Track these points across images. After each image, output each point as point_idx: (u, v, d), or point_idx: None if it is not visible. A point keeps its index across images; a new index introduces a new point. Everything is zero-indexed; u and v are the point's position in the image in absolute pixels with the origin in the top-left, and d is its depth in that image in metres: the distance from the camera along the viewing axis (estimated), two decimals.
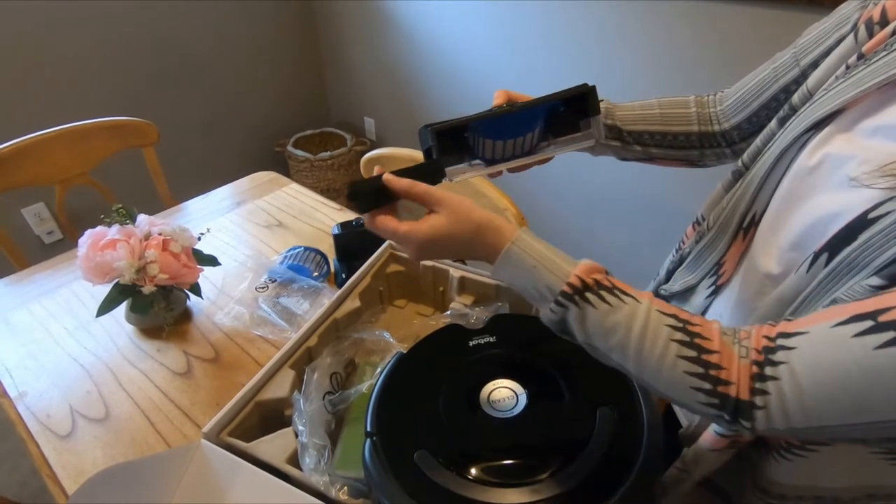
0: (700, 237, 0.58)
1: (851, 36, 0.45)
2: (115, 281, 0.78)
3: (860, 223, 0.36)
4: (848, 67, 0.43)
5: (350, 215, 1.13)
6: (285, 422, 0.62)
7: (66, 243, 1.66)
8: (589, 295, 0.41)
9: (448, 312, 0.77)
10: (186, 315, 0.88)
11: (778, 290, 0.42)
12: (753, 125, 0.58)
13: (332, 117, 2.59)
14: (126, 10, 1.76)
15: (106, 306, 0.77)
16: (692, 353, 0.37)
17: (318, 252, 0.97)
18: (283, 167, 2.38)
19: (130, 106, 1.87)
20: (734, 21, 1.25)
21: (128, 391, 0.76)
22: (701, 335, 0.38)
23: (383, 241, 0.88)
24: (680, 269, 0.62)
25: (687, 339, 0.38)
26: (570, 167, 1.74)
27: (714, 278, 0.56)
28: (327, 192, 2.29)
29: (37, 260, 1.03)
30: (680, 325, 0.39)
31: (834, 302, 0.36)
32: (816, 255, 0.38)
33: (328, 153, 2.22)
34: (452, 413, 0.53)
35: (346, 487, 0.53)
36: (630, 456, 0.47)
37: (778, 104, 0.54)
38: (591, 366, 0.58)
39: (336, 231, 0.92)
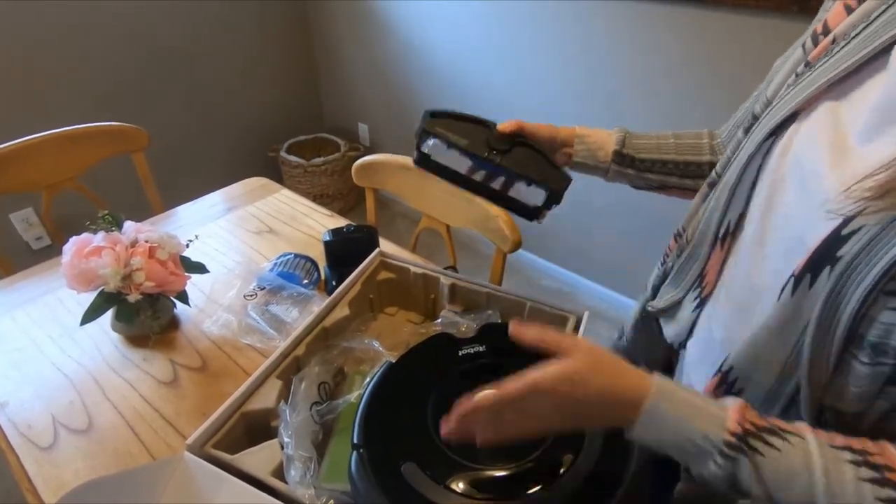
0: (681, 251, 0.58)
1: (800, 48, 0.48)
2: (100, 289, 0.76)
3: (835, 242, 0.36)
4: (797, 76, 0.46)
5: (342, 221, 1.12)
6: (272, 433, 0.60)
7: (55, 249, 1.64)
8: (754, 441, 0.36)
9: (439, 320, 0.76)
10: (173, 323, 0.87)
11: (765, 317, 0.41)
12: None
13: (325, 123, 2.59)
14: (117, 15, 1.76)
15: (90, 314, 0.76)
16: (890, 494, 0.33)
17: (308, 259, 0.96)
18: (277, 173, 2.37)
19: (121, 111, 1.86)
20: (723, 29, 1.26)
21: (112, 401, 0.74)
22: (888, 466, 0.35)
23: (374, 248, 0.87)
24: (665, 284, 0.62)
25: (877, 475, 0.34)
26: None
27: (698, 290, 0.55)
28: (320, 198, 2.28)
29: (24, 266, 1.02)
30: (860, 458, 0.35)
31: (854, 331, 0.35)
32: (798, 279, 0.38)
33: (321, 159, 2.21)
34: (438, 423, 0.52)
35: (332, 501, 0.52)
36: (618, 472, 0.46)
37: None
38: None
39: (327, 238, 0.91)
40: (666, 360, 0.64)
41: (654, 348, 0.64)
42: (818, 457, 0.35)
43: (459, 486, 0.46)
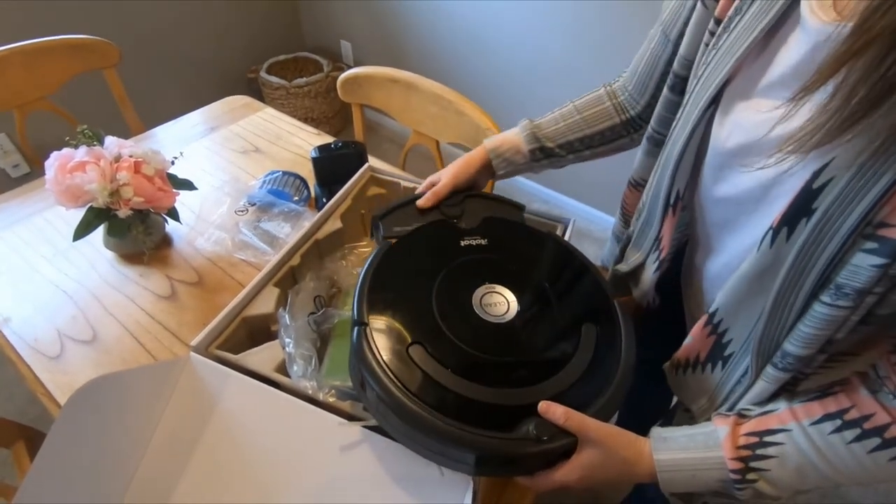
0: (639, 215, 0.60)
1: (700, 3, 0.47)
2: (89, 205, 0.76)
3: (807, 195, 0.36)
4: (712, 34, 0.46)
5: (329, 140, 1.10)
6: (272, 336, 0.63)
7: (34, 176, 1.60)
8: (755, 464, 0.41)
9: None
10: (166, 241, 0.88)
11: (745, 266, 0.43)
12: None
13: (306, 41, 2.45)
14: None
15: (82, 230, 0.76)
16: (877, 441, 0.38)
17: (297, 176, 0.95)
18: (257, 95, 2.27)
19: (92, 28, 1.73)
20: None
21: (114, 315, 0.76)
22: (864, 416, 0.38)
23: (363, 163, 0.87)
24: (629, 247, 0.65)
25: (858, 431, 0.38)
26: (554, 88, 1.69)
27: (657, 253, 0.58)
28: (304, 123, 2.21)
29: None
30: (839, 422, 0.39)
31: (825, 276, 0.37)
32: (776, 231, 0.39)
33: (304, 79, 2.12)
34: (444, 309, 0.52)
35: (333, 392, 0.56)
36: (608, 373, 0.49)
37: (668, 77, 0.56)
38: (579, 281, 0.59)
39: (314, 154, 0.90)
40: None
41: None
42: (808, 445, 0.40)
43: (459, 369, 0.46)
